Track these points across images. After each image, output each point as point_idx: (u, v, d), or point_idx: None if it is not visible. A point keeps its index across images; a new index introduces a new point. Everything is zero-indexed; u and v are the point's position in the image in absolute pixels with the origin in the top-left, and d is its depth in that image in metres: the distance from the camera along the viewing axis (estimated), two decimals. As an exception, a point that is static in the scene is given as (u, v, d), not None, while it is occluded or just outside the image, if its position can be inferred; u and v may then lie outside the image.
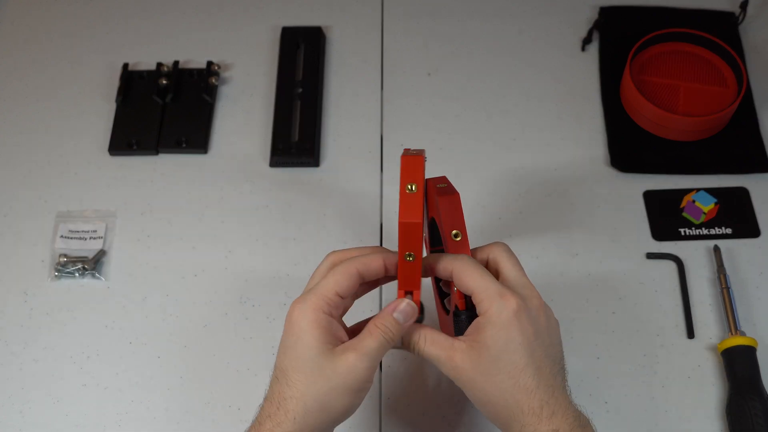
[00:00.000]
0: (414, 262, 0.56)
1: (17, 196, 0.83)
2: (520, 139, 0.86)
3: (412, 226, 0.55)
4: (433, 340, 0.57)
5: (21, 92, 0.91)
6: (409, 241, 0.55)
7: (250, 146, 0.86)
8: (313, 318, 0.55)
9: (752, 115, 0.86)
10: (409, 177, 0.55)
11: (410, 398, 0.71)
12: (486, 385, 0.55)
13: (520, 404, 0.54)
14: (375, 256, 0.58)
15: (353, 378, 0.54)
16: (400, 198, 0.55)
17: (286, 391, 0.55)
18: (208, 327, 0.75)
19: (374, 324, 0.56)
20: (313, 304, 0.55)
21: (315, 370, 0.54)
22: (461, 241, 0.58)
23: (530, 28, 0.94)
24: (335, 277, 0.56)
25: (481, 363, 0.55)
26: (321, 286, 0.56)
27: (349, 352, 0.55)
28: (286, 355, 0.56)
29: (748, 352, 0.70)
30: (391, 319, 0.56)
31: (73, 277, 0.78)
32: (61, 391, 0.72)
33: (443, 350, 0.56)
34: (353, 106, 0.89)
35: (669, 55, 0.89)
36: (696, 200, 0.80)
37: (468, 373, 0.55)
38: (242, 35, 0.94)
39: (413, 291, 0.58)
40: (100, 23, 0.96)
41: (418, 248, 0.56)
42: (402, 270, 0.57)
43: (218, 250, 0.80)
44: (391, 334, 0.56)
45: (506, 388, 0.54)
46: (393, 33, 0.94)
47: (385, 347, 0.56)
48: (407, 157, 0.56)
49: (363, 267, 0.57)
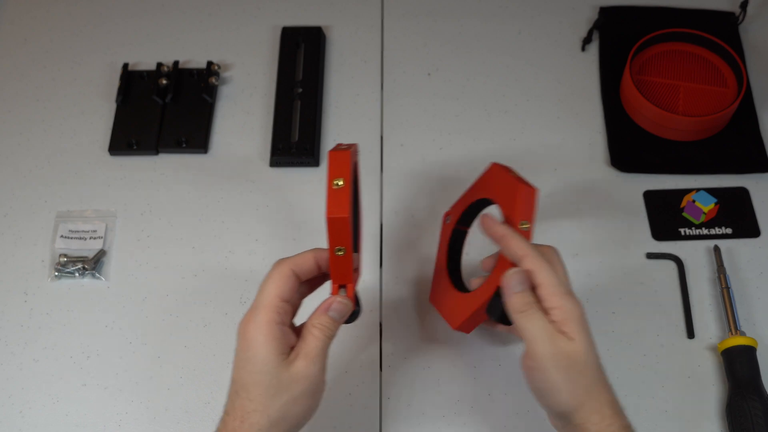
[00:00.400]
0: (344, 256, 0.58)
1: (17, 196, 0.83)
2: (520, 139, 0.86)
3: (340, 221, 0.56)
4: (541, 319, 0.58)
5: (21, 92, 0.91)
6: (338, 235, 0.57)
7: (250, 146, 0.86)
8: (267, 331, 0.57)
9: (752, 115, 0.86)
10: (336, 172, 0.57)
11: (410, 398, 0.71)
12: (578, 377, 0.57)
13: (602, 398, 0.57)
14: (306, 254, 0.60)
15: (309, 383, 0.57)
16: (327, 193, 0.57)
17: (248, 405, 0.57)
18: (208, 327, 0.75)
19: (312, 325, 0.58)
20: (265, 317, 0.57)
21: (274, 383, 0.56)
22: (527, 231, 0.62)
23: (530, 28, 0.94)
24: (274, 283, 0.59)
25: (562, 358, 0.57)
26: (265, 297, 0.58)
27: (299, 360, 0.57)
28: (244, 370, 0.57)
29: (748, 352, 0.70)
30: (327, 317, 0.59)
31: (73, 277, 0.78)
32: (61, 391, 0.73)
33: (552, 328, 0.57)
34: (353, 106, 0.89)
35: (669, 55, 0.89)
36: (696, 200, 0.80)
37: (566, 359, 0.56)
38: (242, 35, 0.94)
39: (347, 284, 0.60)
40: (100, 23, 0.96)
41: (347, 242, 0.58)
42: (334, 264, 0.59)
43: (218, 250, 0.80)
44: (330, 332, 0.58)
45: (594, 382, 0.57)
46: (393, 33, 0.94)
47: (327, 345, 0.58)
48: (334, 153, 0.58)
49: (296, 266, 0.59)
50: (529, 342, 0.57)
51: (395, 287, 0.77)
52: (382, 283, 0.77)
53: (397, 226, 0.81)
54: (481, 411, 0.71)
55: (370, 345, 0.74)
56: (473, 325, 0.69)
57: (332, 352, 0.73)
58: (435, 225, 0.80)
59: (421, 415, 0.71)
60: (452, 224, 0.72)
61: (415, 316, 0.75)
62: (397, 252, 0.79)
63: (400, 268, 0.78)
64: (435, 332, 0.75)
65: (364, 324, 0.75)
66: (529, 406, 0.71)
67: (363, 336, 0.75)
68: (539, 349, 0.57)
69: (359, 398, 0.72)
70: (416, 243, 0.79)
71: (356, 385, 0.72)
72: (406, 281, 0.77)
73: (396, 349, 0.74)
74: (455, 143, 0.86)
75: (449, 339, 0.74)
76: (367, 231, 0.80)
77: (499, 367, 0.73)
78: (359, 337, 0.74)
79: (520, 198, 0.63)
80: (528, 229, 0.62)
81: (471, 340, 0.74)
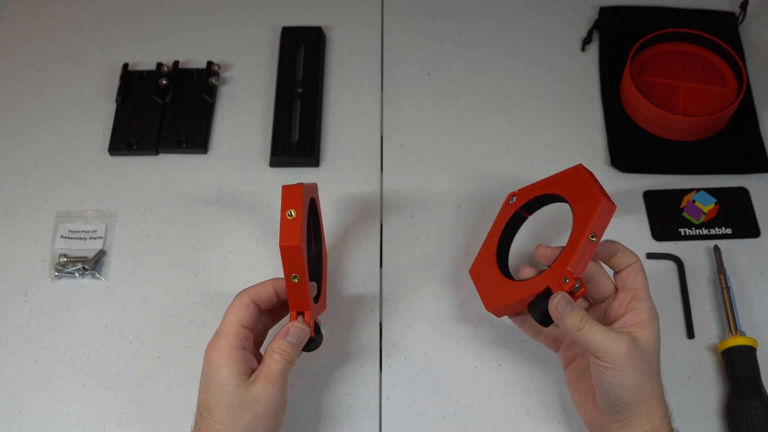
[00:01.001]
0: (300, 284, 0.62)
1: (17, 196, 0.83)
2: (520, 139, 0.86)
3: (292, 249, 0.60)
4: (600, 324, 0.61)
5: (21, 92, 0.91)
6: (291, 263, 0.61)
7: (250, 146, 0.86)
8: (228, 355, 0.61)
9: (752, 115, 0.86)
10: (288, 204, 0.61)
11: (410, 398, 0.71)
12: (646, 371, 0.61)
13: (662, 396, 0.62)
14: (265, 283, 0.65)
15: (269, 404, 0.60)
16: (281, 223, 0.61)
17: (212, 425, 0.60)
18: (207, 327, 0.75)
19: (272, 349, 0.62)
20: (226, 342, 0.61)
21: (236, 403, 0.60)
22: (594, 245, 0.63)
23: (530, 28, 0.94)
24: (234, 311, 0.63)
25: (636, 354, 0.60)
26: (226, 324, 0.62)
27: (259, 381, 0.61)
28: (207, 393, 0.61)
29: (748, 352, 0.70)
30: (285, 342, 0.62)
31: (73, 277, 0.78)
32: (61, 391, 0.72)
33: (611, 332, 0.61)
34: (353, 106, 0.89)
35: (669, 55, 0.89)
36: (696, 200, 0.80)
37: (633, 357, 0.60)
38: (242, 35, 0.94)
39: (305, 311, 0.64)
40: (100, 23, 0.96)
41: (301, 270, 0.61)
42: (290, 291, 0.62)
43: (218, 250, 0.80)
44: (289, 356, 0.62)
45: (657, 380, 0.62)
46: (393, 33, 0.94)
47: (287, 368, 0.62)
48: (287, 187, 0.63)
49: (255, 295, 0.64)
50: (597, 350, 0.60)
51: (395, 287, 0.77)
52: (382, 283, 0.77)
53: (397, 226, 0.81)
54: (481, 411, 0.71)
55: (370, 345, 0.74)
56: (506, 312, 0.69)
57: (333, 352, 0.73)
58: (434, 225, 0.80)
59: (421, 415, 0.71)
60: (516, 206, 0.71)
61: (415, 317, 0.75)
62: (397, 252, 0.79)
63: (400, 268, 0.78)
64: (435, 332, 0.75)
65: (365, 324, 0.75)
66: (529, 406, 0.71)
67: (363, 336, 0.75)
68: (611, 348, 0.60)
69: (359, 398, 0.72)
70: (416, 243, 0.79)
71: (356, 385, 0.72)
72: (406, 281, 0.77)
73: (396, 349, 0.74)
74: (455, 143, 0.86)
75: (450, 339, 0.74)
76: (367, 231, 0.80)
77: (499, 367, 0.73)
78: (359, 337, 0.74)
79: (600, 211, 0.63)
80: (595, 243, 0.63)
81: (471, 340, 0.74)
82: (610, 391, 0.61)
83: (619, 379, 0.60)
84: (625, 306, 0.64)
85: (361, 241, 0.80)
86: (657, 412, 0.61)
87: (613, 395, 0.61)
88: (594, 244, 0.63)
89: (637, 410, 0.61)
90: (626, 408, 0.61)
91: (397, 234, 0.80)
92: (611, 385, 0.60)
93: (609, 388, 0.61)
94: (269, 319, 0.67)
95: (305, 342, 0.64)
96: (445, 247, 0.79)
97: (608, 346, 0.60)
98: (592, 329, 0.61)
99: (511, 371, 0.72)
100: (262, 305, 0.65)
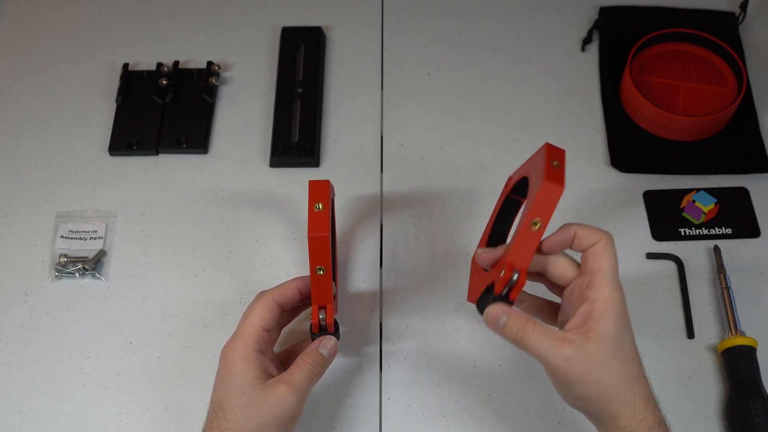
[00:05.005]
0: (325, 276, 0.62)
1: (17, 196, 0.83)
2: (520, 139, 0.86)
3: (320, 240, 0.62)
4: (542, 331, 0.55)
5: (21, 92, 0.91)
6: (318, 254, 0.62)
7: (250, 146, 0.86)
8: (247, 357, 0.61)
9: (752, 115, 0.87)
10: (316, 198, 0.63)
11: (410, 398, 0.72)
12: (601, 375, 0.54)
13: (635, 392, 0.55)
14: (289, 283, 0.65)
15: (284, 409, 0.60)
16: (309, 216, 0.62)
17: (224, 423, 0.60)
18: (208, 327, 0.75)
19: (303, 359, 0.62)
20: (246, 344, 0.61)
21: (249, 404, 0.60)
22: (537, 232, 0.56)
23: (530, 28, 0.94)
24: (258, 313, 0.63)
25: (598, 352, 0.54)
26: (247, 325, 0.62)
27: (280, 384, 0.60)
28: (222, 391, 0.61)
29: (748, 352, 0.70)
30: (318, 354, 0.63)
31: (73, 277, 0.78)
32: (61, 391, 0.73)
33: (554, 340, 0.54)
34: (353, 106, 0.89)
35: (669, 55, 0.89)
36: (696, 200, 0.80)
37: (580, 364, 0.54)
38: (242, 35, 0.94)
39: (326, 305, 0.64)
40: (101, 23, 0.96)
41: (327, 261, 0.62)
42: (315, 285, 0.63)
43: (218, 250, 0.80)
44: (318, 368, 0.62)
45: (623, 377, 0.55)
46: (393, 33, 0.94)
47: (312, 381, 0.62)
48: (314, 182, 0.65)
49: (279, 296, 0.64)
50: (541, 362, 0.56)
51: (395, 287, 0.77)
52: (382, 283, 0.77)
53: (397, 226, 0.81)
54: (481, 411, 0.71)
55: (370, 345, 0.74)
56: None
57: (332, 352, 0.74)
58: (434, 225, 0.81)
59: (421, 415, 0.71)
60: (507, 190, 0.66)
61: (415, 316, 0.75)
62: (397, 252, 0.79)
63: (400, 268, 0.78)
64: (435, 332, 0.75)
65: (365, 324, 0.75)
66: (529, 406, 0.71)
67: (363, 336, 0.75)
68: (552, 359, 0.54)
69: (359, 398, 0.72)
70: (416, 243, 0.79)
71: (356, 385, 0.72)
72: (406, 281, 0.77)
73: (396, 349, 0.74)
74: (455, 143, 0.86)
75: (450, 339, 0.74)
76: (368, 231, 0.80)
77: (499, 367, 0.73)
78: (359, 337, 0.74)
79: (541, 194, 0.55)
80: (539, 230, 0.56)
81: (471, 340, 0.74)
82: (568, 403, 0.58)
83: (570, 392, 0.56)
84: (580, 295, 0.57)
85: (361, 241, 0.80)
86: (623, 413, 0.55)
87: (573, 406, 0.58)
88: (539, 232, 0.56)
89: (600, 417, 0.56)
90: (589, 416, 0.58)
91: (397, 234, 0.80)
92: (565, 398, 0.57)
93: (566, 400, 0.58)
94: (286, 319, 0.67)
95: (335, 356, 0.65)
96: (445, 247, 0.79)
97: (550, 357, 0.54)
98: (533, 337, 0.55)
99: (511, 371, 0.72)
100: (286, 306, 0.65)
